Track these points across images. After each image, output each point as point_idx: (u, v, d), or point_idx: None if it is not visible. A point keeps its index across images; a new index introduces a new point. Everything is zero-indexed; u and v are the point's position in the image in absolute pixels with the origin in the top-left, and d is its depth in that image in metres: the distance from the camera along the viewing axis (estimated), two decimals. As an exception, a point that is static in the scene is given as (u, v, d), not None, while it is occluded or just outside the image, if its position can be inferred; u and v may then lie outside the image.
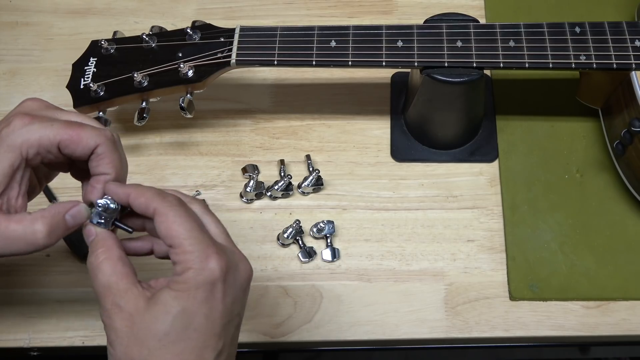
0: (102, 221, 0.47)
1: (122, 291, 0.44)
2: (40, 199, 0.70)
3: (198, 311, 0.43)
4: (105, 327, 0.44)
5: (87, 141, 0.47)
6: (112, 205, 0.47)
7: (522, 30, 0.65)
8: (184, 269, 0.44)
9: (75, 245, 0.66)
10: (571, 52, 0.64)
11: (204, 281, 0.43)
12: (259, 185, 0.69)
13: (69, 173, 0.52)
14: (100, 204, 0.47)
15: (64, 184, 0.70)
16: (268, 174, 0.71)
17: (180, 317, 0.43)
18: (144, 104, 0.67)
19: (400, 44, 0.65)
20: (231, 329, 0.45)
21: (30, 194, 0.51)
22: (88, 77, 0.67)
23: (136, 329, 0.43)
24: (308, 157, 0.72)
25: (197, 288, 0.43)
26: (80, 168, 0.51)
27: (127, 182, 0.49)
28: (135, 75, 0.65)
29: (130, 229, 0.49)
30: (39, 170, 0.51)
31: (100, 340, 0.63)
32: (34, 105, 0.49)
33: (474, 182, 0.71)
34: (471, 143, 0.73)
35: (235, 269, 0.45)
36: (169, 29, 0.69)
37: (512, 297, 0.65)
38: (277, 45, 0.66)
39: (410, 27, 0.66)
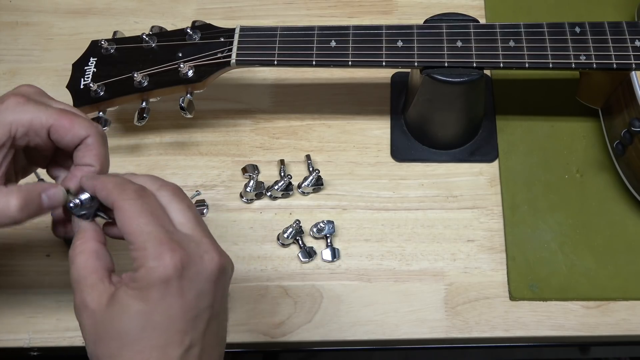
0: (85, 212, 0.47)
1: (88, 287, 0.43)
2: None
3: (154, 310, 0.42)
4: (79, 324, 0.44)
5: (78, 130, 0.47)
6: (85, 199, 0.47)
7: (522, 30, 0.65)
8: (138, 266, 0.43)
9: (75, 245, 0.66)
10: (571, 52, 0.64)
11: (157, 279, 0.42)
12: (259, 185, 0.69)
13: (45, 170, 0.52)
14: (72, 204, 0.47)
15: (64, 184, 0.70)
16: (268, 174, 0.71)
17: (136, 317, 0.42)
18: (144, 104, 0.67)
19: (400, 44, 0.65)
20: (200, 324, 0.43)
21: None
22: (88, 77, 0.67)
23: (99, 327, 0.42)
24: (308, 157, 0.72)
25: (149, 287, 0.42)
26: (58, 165, 0.51)
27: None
28: (135, 75, 0.65)
29: (109, 218, 0.48)
30: (17, 162, 0.51)
31: (100, 340, 0.63)
32: (29, 90, 0.49)
33: (474, 182, 0.71)
34: (471, 143, 0.73)
35: (197, 261, 0.43)
36: (169, 29, 0.69)
37: (512, 297, 0.64)
38: (277, 45, 0.66)
39: (410, 27, 0.66)
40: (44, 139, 0.48)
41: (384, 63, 0.65)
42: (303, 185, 0.70)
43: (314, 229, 0.67)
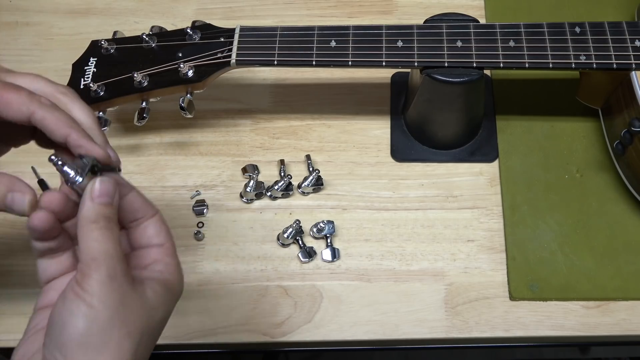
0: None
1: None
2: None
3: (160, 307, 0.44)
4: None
5: (17, 106, 0.44)
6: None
7: (522, 30, 0.65)
8: (168, 271, 0.45)
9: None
10: (571, 52, 0.64)
11: (177, 290, 0.45)
12: (259, 185, 0.69)
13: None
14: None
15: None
16: (268, 174, 0.71)
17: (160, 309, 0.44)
18: (144, 104, 0.67)
19: (400, 44, 0.65)
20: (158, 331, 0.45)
21: None
22: (88, 77, 0.67)
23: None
24: (308, 157, 0.72)
25: (172, 291, 0.45)
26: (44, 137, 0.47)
27: (129, 182, 0.47)
28: (135, 75, 0.65)
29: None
30: None
31: (100, 340, 0.63)
32: None
33: (474, 182, 0.71)
34: (471, 143, 0.73)
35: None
36: (169, 29, 0.69)
37: (512, 297, 0.65)
38: (277, 45, 0.66)
39: (410, 27, 0.66)
40: None
41: (384, 63, 0.65)
42: (303, 185, 0.70)
43: (314, 229, 0.67)
